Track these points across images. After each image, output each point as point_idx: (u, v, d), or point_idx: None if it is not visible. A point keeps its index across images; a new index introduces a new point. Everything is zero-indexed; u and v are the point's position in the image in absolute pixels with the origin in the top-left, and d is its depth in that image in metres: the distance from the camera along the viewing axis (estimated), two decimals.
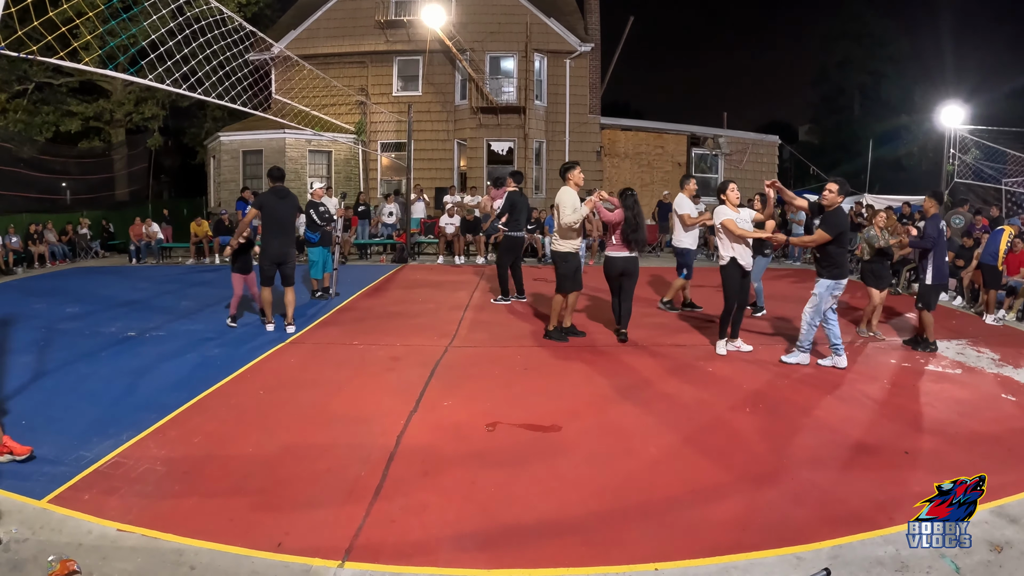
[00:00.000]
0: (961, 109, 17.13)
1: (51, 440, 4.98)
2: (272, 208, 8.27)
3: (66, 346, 7.91)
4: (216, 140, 21.44)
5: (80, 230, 18.95)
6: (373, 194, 21.11)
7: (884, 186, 25.51)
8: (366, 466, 4.58)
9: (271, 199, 8.29)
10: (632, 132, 23.13)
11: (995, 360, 7.48)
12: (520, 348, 7.81)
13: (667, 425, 5.44)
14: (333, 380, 6.62)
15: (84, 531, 3.73)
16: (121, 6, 9.31)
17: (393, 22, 20.96)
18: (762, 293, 9.87)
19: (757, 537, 3.68)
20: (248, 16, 22.87)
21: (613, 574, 3.38)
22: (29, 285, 13.48)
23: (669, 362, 7.29)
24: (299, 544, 3.60)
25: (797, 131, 45.24)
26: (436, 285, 12.57)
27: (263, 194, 8.55)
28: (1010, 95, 28.63)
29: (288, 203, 8.39)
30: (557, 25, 20.98)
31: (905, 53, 36.75)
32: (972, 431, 5.32)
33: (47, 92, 24.09)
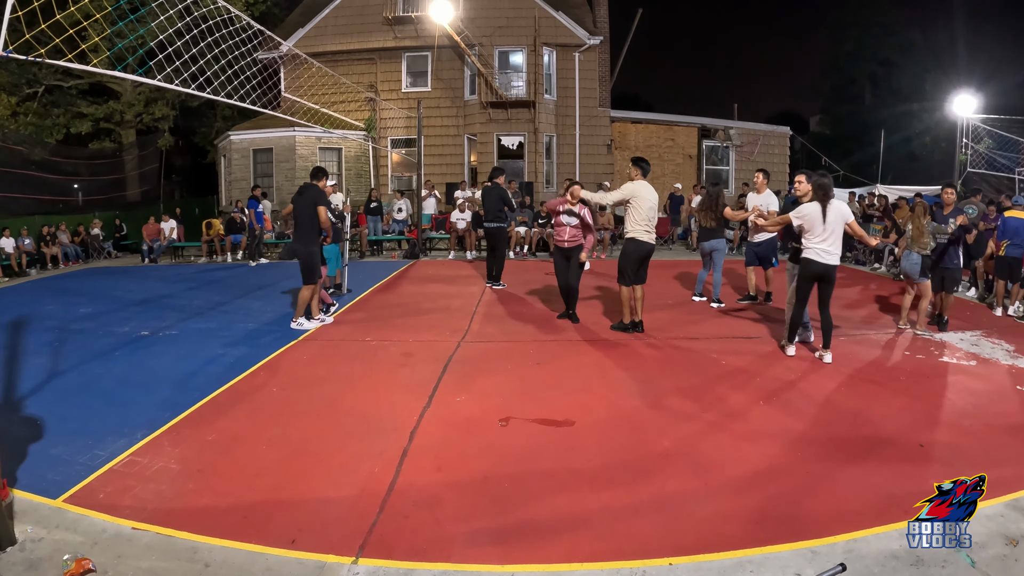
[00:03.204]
0: (973, 98, 16.98)
1: (65, 440, 5.03)
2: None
3: (80, 346, 7.97)
4: (226, 139, 21.52)
5: (92, 231, 19.07)
6: (384, 190, 21.12)
7: (896, 176, 25.32)
8: (379, 462, 4.59)
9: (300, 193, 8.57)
10: (642, 125, 23.04)
11: (1010, 352, 7.40)
12: (533, 342, 7.81)
13: (681, 418, 5.43)
14: (346, 377, 6.64)
15: (99, 530, 3.76)
16: (129, 7, 9.32)
17: (401, 18, 20.96)
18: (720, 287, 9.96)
19: (771, 531, 3.66)
20: (256, 15, 22.89)
21: (626, 569, 3.37)
22: (42, 286, 13.59)
23: (682, 355, 7.27)
24: (313, 541, 3.61)
25: (808, 122, 44.90)
26: (448, 280, 12.57)
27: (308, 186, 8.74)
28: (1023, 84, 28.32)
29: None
30: (565, 18, 20.92)
31: (916, 42, 36.36)
32: (987, 423, 5.26)
33: (57, 95, 24.22)
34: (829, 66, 40.97)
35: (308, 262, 8.37)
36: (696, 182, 21.43)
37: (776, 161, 22.80)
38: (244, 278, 13.66)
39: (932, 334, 8.11)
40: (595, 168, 21.52)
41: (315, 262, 8.43)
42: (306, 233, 8.40)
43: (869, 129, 32.20)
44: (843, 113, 39.26)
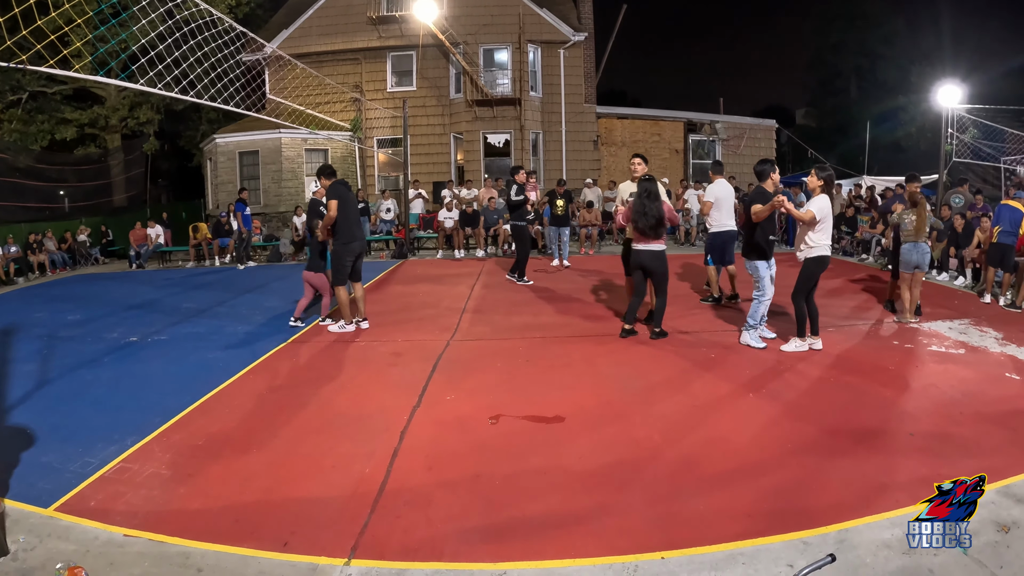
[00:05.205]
0: (958, 88, 17.07)
1: (56, 447, 5.00)
2: (346, 199, 8.11)
3: (69, 353, 7.91)
4: (212, 142, 21.40)
5: (79, 237, 18.93)
6: (371, 191, 21.06)
7: (883, 168, 25.45)
8: (370, 462, 4.59)
9: (343, 190, 8.12)
10: (628, 120, 23.11)
11: (999, 339, 7.45)
12: (522, 340, 7.80)
13: (671, 413, 5.44)
14: (335, 377, 6.63)
15: (91, 537, 3.74)
16: (111, 12, 9.26)
17: (385, 18, 20.90)
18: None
19: (763, 523, 3.68)
20: (239, 17, 22.79)
21: (619, 564, 3.38)
22: (30, 294, 13.49)
23: (672, 350, 7.28)
24: (305, 543, 3.61)
25: (794, 115, 45.10)
26: (436, 279, 12.56)
27: (335, 185, 8.17)
28: (1008, 74, 28.51)
29: (354, 194, 8.25)
30: (550, 15, 20.92)
31: (900, 33, 36.54)
32: (976, 411, 5.30)
33: (41, 101, 24.03)
34: (814, 59, 41.18)
35: (334, 263, 8.25)
36: (683, 177, 21.49)
37: (763, 154, 22.84)
38: (232, 282, 13.59)
39: (921, 324, 8.14)
40: (582, 165, 21.55)
41: (337, 262, 8.21)
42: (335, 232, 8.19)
43: (855, 121, 32.41)
44: (829, 105, 39.48)
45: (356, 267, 8.28)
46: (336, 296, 8.40)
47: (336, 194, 8.02)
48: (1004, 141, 18.17)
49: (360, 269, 8.37)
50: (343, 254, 8.13)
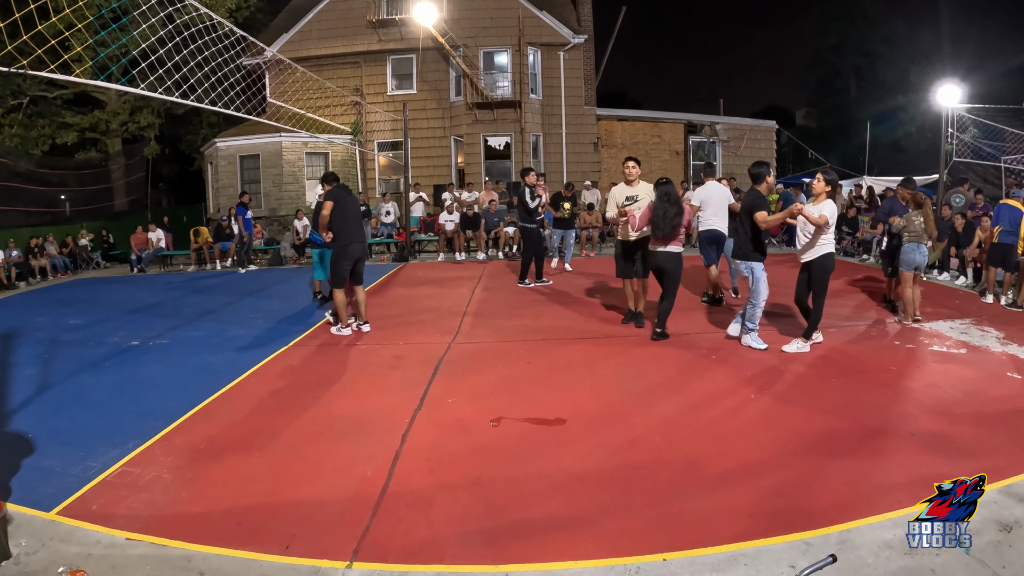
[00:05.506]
0: (958, 88, 17.08)
1: (57, 451, 5.00)
2: (344, 202, 8.11)
3: (70, 357, 7.92)
4: (213, 146, 21.44)
5: (80, 242, 18.98)
6: (372, 194, 21.08)
7: (883, 168, 25.44)
8: (371, 465, 4.58)
9: (341, 194, 8.15)
10: (629, 122, 23.12)
11: (1000, 339, 7.44)
12: (523, 343, 7.80)
13: (672, 414, 5.43)
14: (337, 381, 6.63)
15: (93, 541, 3.74)
16: (111, 16, 9.28)
17: (385, 21, 20.95)
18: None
19: (765, 524, 3.67)
20: (239, 21, 22.86)
21: (620, 566, 3.38)
22: (31, 298, 13.51)
23: (673, 351, 7.27)
24: (307, 546, 3.61)
25: (794, 115, 45.15)
26: (437, 282, 12.56)
27: (333, 189, 8.21)
28: (1008, 73, 28.54)
29: (355, 198, 8.28)
30: (549, 18, 20.94)
31: (900, 33, 36.59)
32: (978, 411, 5.28)
33: (42, 105, 24.11)
34: (814, 59, 41.27)
35: (331, 265, 8.27)
36: (683, 178, 21.48)
37: (763, 155, 22.85)
38: (233, 285, 13.61)
39: (923, 323, 8.13)
40: (582, 167, 21.56)
41: (334, 265, 8.19)
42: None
43: (855, 121, 32.42)
44: (829, 106, 39.54)
45: (357, 270, 8.28)
46: (333, 298, 8.41)
47: (332, 197, 8.06)
48: (1004, 140, 18.17)
49: (361, 272, 8.36)
50: (340, 257, 8.14)
